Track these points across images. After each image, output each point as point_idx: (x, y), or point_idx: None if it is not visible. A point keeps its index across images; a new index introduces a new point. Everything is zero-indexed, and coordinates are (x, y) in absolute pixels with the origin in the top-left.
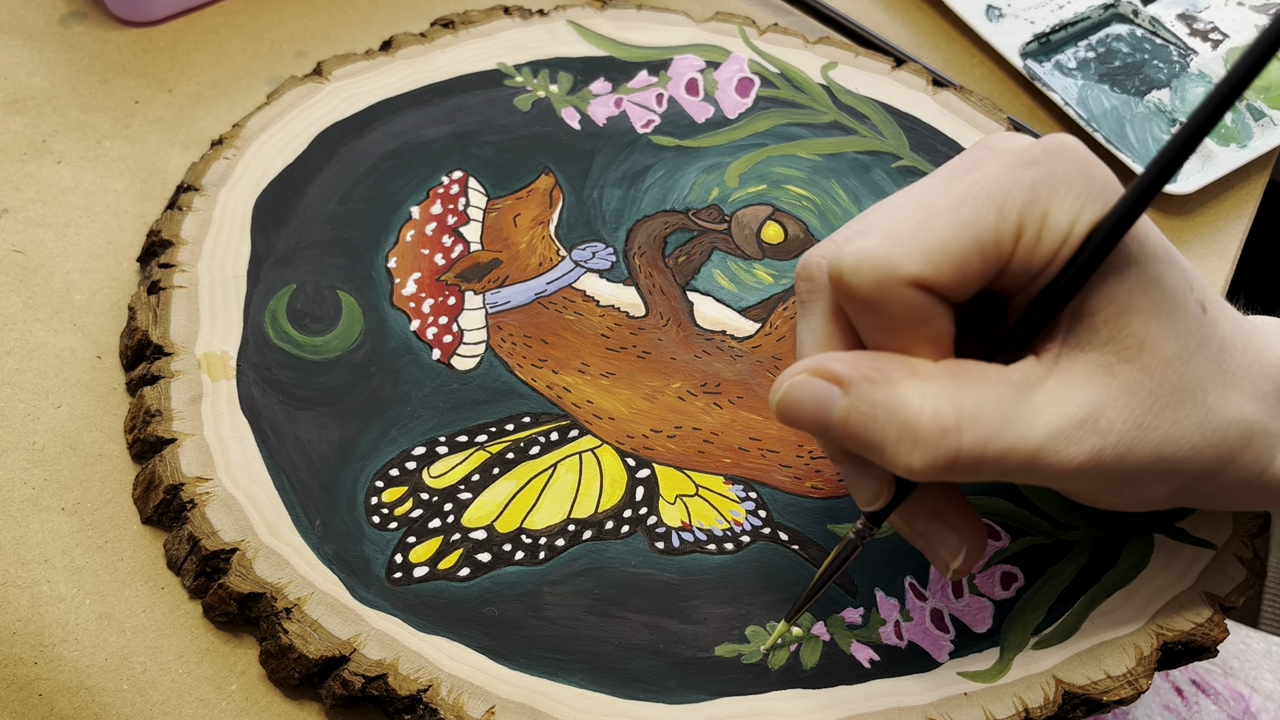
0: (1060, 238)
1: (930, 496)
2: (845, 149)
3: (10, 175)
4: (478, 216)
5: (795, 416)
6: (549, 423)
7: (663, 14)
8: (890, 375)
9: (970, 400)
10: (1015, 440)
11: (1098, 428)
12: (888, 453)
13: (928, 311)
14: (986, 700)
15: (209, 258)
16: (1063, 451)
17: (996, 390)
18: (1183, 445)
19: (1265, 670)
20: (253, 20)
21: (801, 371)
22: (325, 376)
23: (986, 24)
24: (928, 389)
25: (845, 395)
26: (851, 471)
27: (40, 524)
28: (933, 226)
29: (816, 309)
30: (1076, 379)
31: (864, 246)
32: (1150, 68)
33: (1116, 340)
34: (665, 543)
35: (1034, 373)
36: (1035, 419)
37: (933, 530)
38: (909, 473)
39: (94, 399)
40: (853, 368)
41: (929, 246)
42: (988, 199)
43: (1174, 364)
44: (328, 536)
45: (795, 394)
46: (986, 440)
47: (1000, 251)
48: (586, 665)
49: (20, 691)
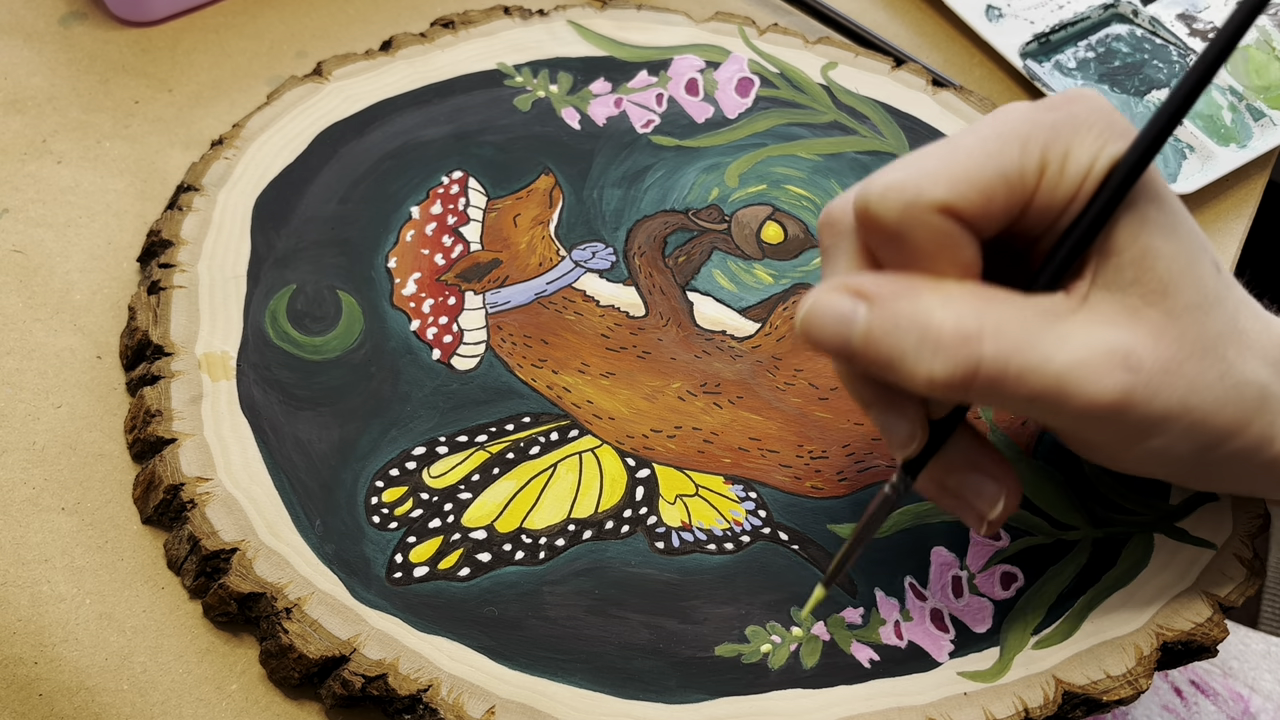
0: (1082, 173)
1: (964, 445)
2: (845, 149)
3: (10, 175)
4: (478, 216)
5: (817, 333)
6: (549, 423)
7: (663, 14)
8: (916, 288)
9: (994, 314)
10: (1040, 361)
11: (1128, 363)
12: (908, 363)
13: (955, 239)
14: (986, 700)
15: (209, 258)
16: (1092, 381)
17: (1023, 311)
18: (1207, 396)
19: (1264, 671)
20: (253, 20)
21: (829, 288)
22: (325, 376)
23: (986, 24)
24: (951, 300)
25: (869, 309)
26: (883, 415)
27: (40, 524)
28: (958, 158)
29: (841, 252)
30: (1105, 316)
31: (890, 177)
32: (1150, 68)
33: (1141, 283)
34: (665, 543)
35: (1063, 304)
36: (1062, 344)
37: (968, 481)
38: (930, 384)
39: (94, 399)
40: (878, 282)
41: (955, 174)
42: (1012, 135)
43: (1196, 314)
44: (328, 536)
45: (819, 309)
46: (1010, 354)
47: (1025, 184)
48: (586, 665)
49: (20, 691)
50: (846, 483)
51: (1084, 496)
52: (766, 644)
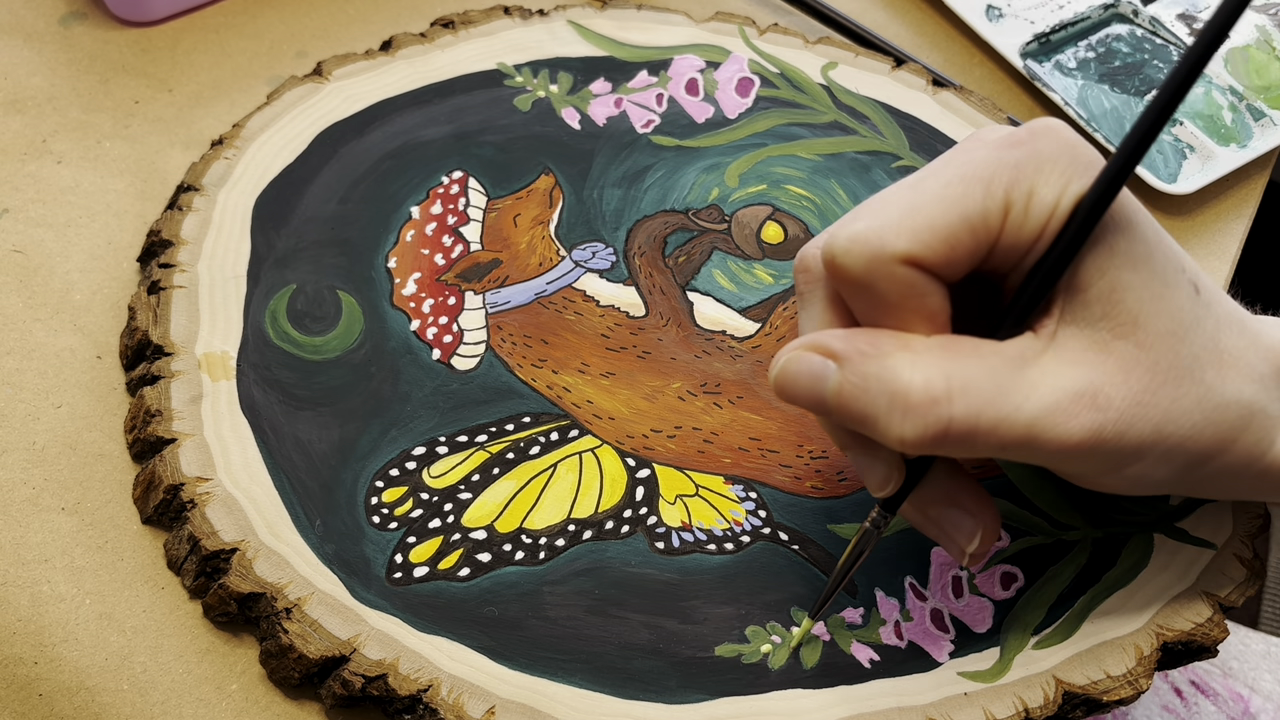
0: (1047, 212)
1: (942, 481)
2: (845, 149)
3: (10, 175)
4: (478, 216)
5: (791, 392)
6: (549, 423)
7: (663, 14)
8: (882, 348)
9: (962, 371)
10: (1009, 412)
11: (1096, 403)
12: (880, 424)
13: (920, 288)
14: (986, 700)
15: (209, 258)
16: (1060, 426)
17: (990, 363)
18: (1183, 423)
19: (1264, 671)
20: (253, 20)
21: (797, 347)
22: (325, 376)
23: (986, 24)
24: (919, 360)
25: (839, 369)
26: (860, 457)
27: (40, 524)
28: (921, 206)
29: (815, 299)
30: (1073, 355)
31: (854, 229)
32: (1150, 68)
33: (1110, 317)
34: (665, 543)
35: (1030, 348)
36: (1030, 392)
37: (947, 516)
38: (902, 444)
39: (94, 399)
40: (846, 342)
41: (918, 224)
42: (974, 178)
43: (1169, 341)
44: (328, 536)
45: (791, 369)
46: (979, 410)
47: (989, 227)
48: (586, 665)
49: (20, 691)
50: (846, 483)
51: (1084, 496)
52: (766, 644)
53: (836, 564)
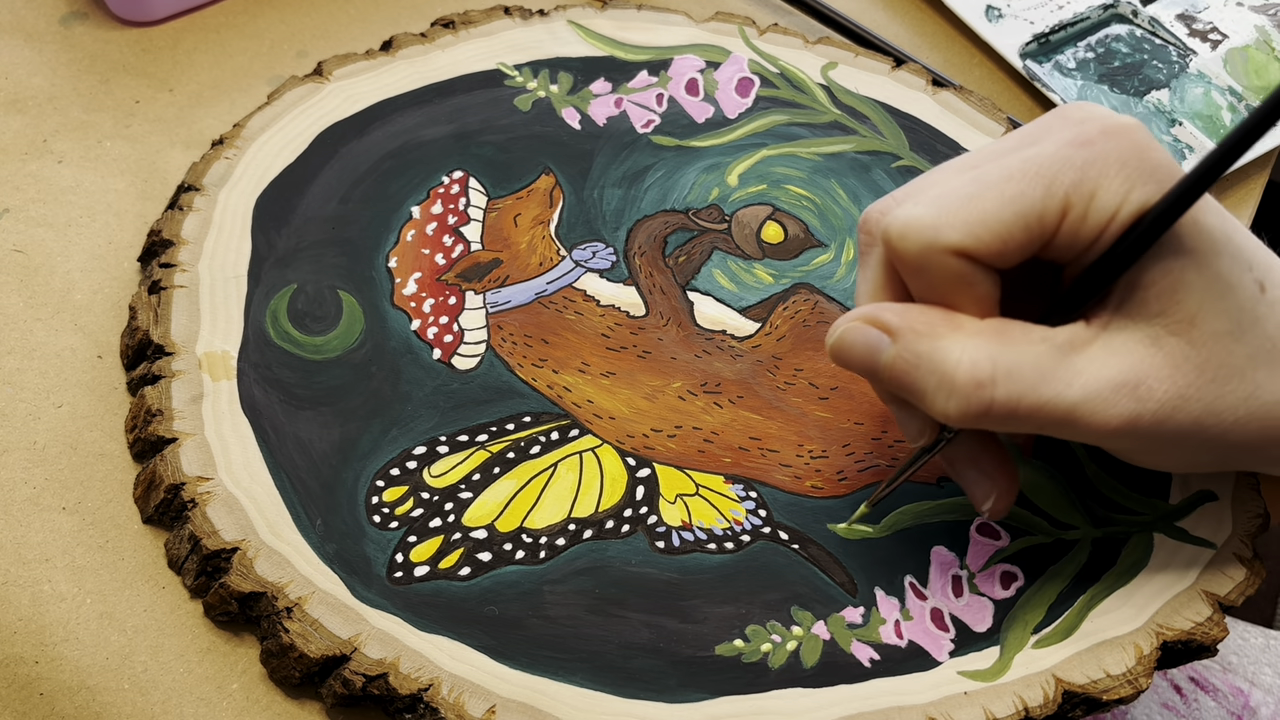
0: (1107, 216)
1: (966, 443)
2: (845, 149)
3: (11, 175)
4: (478, 216)
5: (846, 359)
6: (549, 422)
7: (663, 14)
8: (935, 329)
9: (1008, 357)
10: (1050, 398)
11: (1136, 394)
12: (927, 400)
13: (970, 277)
14: (986, 699)
15: (210, 257)
16: (1099, 412)
17: (1037, 350)
18: (1226, 418)
19: (1264, 665)
20: (253, 20)
21: (856, 318)
22: (326, 376)
23: (986, 24)
24: (968, 344)
25: (893, 344)
26: (899, 410)
27: (41, 523)
28: (979, 198)
29: (872, 261)
30: (1122, 346)
31: (911, 214)
32: (1149, 68)
33: (1167, 314)
34: (665, 542)
35: (1079, 336)
36: (1073, 379)
37: (968, 474)
38: (946, 419)
39: (95, 398)
40: (902, 318)
41: (972, 218)
42: (1037, 175)
43: (1224, 341)
44: (328, 536)
45: (848, 339)
46: (1021, 395)
47: (1045, 226)
48: (587, 664)
49: (21, 691)
50: (846, 482)
51: (1084, 496)
52: (767, 643)
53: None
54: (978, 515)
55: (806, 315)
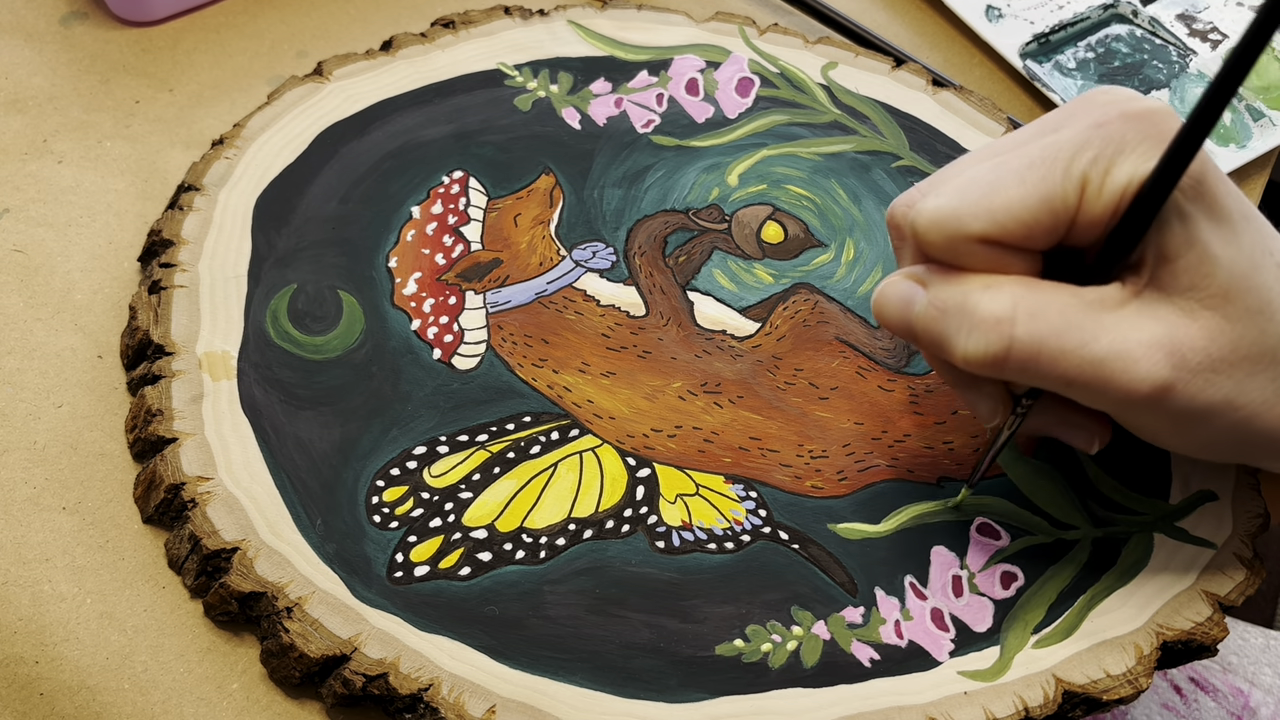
0: (1119, 189)
1: (1048, 408)
2: (845, 149)
3: (11, 175)
4: (478, 216)
5: (885, 315)
6: (549, 422)
7: (663, 14)
8: (965, 279)
9: (1033, 300)
10: (1076, 346)
11: (1172, 358)
12: (950, 343)
13: (1001, 261)
14: (986, 699)
15: (210, 257)
16: (1131, 370)
17: (1063, 299)
18: (1255, 398)
19: (1264, 665)
20: (253, 20)
21: (896, 275)
22: (326, 376)
23: (986, 24)
24: (993, 288)
25: (924, 294)
26: (968, 393)
27: (41, 523)
28: (1002, 186)
29: (906, 255)
30: (1155, 312)
31: (935, 206)
32: (1149, 68)
33: (1199, 288)
34: (665, 542)
35: (1111, 296)
36: (1102, 333)
37: (1063, 432)
38: (966, 361)
39: (95, 398)
40: (935, 271)
41: (995, 206)
42: (1055, 159)
43: (1257, 320)
44: (329, 536)
45: (886, 293)
46: (1044, 337)
47: (1067, 206)
48: (587, 664)
49: (21, 690)
50: (846, 482)
51: (1084, 496)
52: (767, 643)
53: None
54: (978, 515)
55: (806, 315)
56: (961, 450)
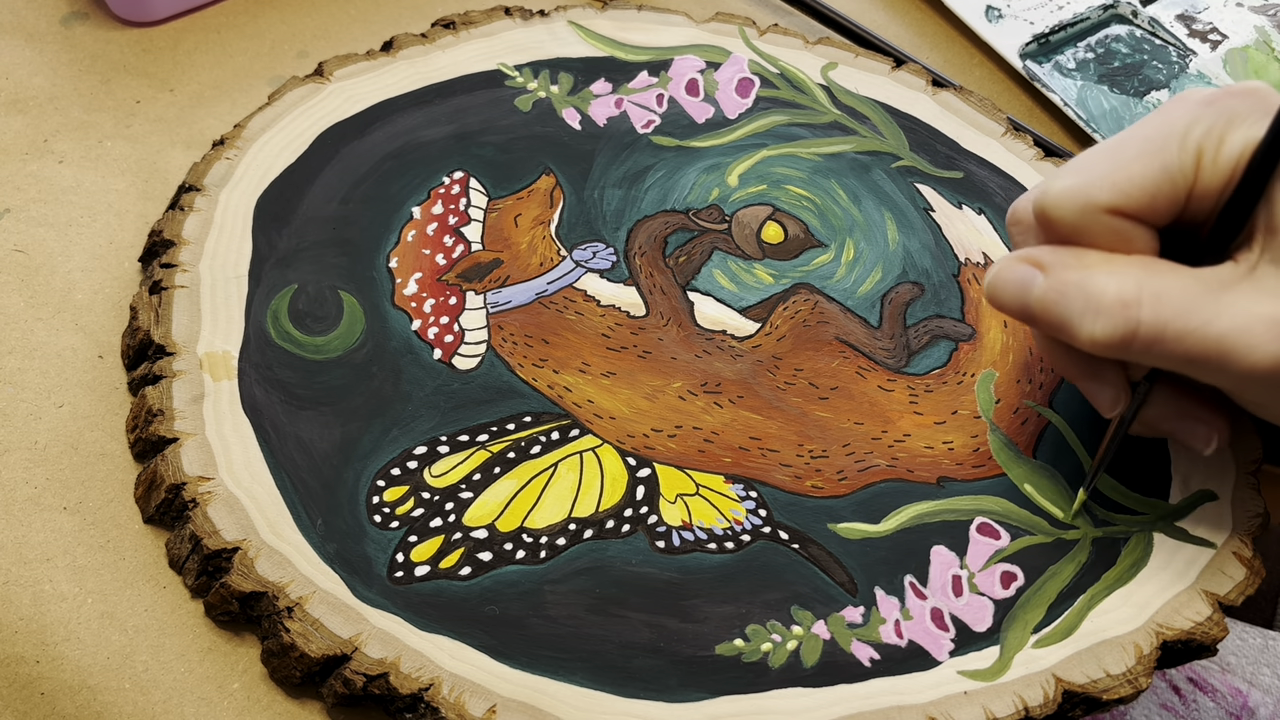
0: (1234, 158)
1: (1165, 399)
2: (845, 149)
3: (12, 175)
4: (479, 216)
5: (1000, 298)
6: (550, 422)
7: (663, 14)
8: (1086, 260)
9: (1156, 282)
10: (1198, 325)
11: None
12: (1073, 326)
13: (1127, 234)
14: (986, 699)
15: (210, 257)
16: (1252, 346)
17: (1185, 280)
18: None
19: (1263, 665)
20: (254, 20)
21: (1011, 257)
22: (327, 376)
23: (986, 24)
24: (1116, 269)
25: (1044, 277)
26: (1089, 384)
27: (42, 523)
28: (1124, 160)
29: (1029, 243)
30: (1272, 286)
31: (1063, 184)
32: (1149, 68)
33: None
34: (666, 541)
35: (1227, 274)
36: (1223, 311)
37: (1181, 427)
38: (1093, 344)
39: (96, 398)
40: (1054, 254)
41: (1119, 178)
42: (1171, 133)
43: None
44: (329, 536)
45: (1003, 275)
46: (1168, 319)
47: (1185, 175)
48: (587, 664)
49: (22, 690)
50: (846, 482)
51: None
52: (767, 643)
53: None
54: (978, 515)
55: (806, 315)
56: (961, 450)
